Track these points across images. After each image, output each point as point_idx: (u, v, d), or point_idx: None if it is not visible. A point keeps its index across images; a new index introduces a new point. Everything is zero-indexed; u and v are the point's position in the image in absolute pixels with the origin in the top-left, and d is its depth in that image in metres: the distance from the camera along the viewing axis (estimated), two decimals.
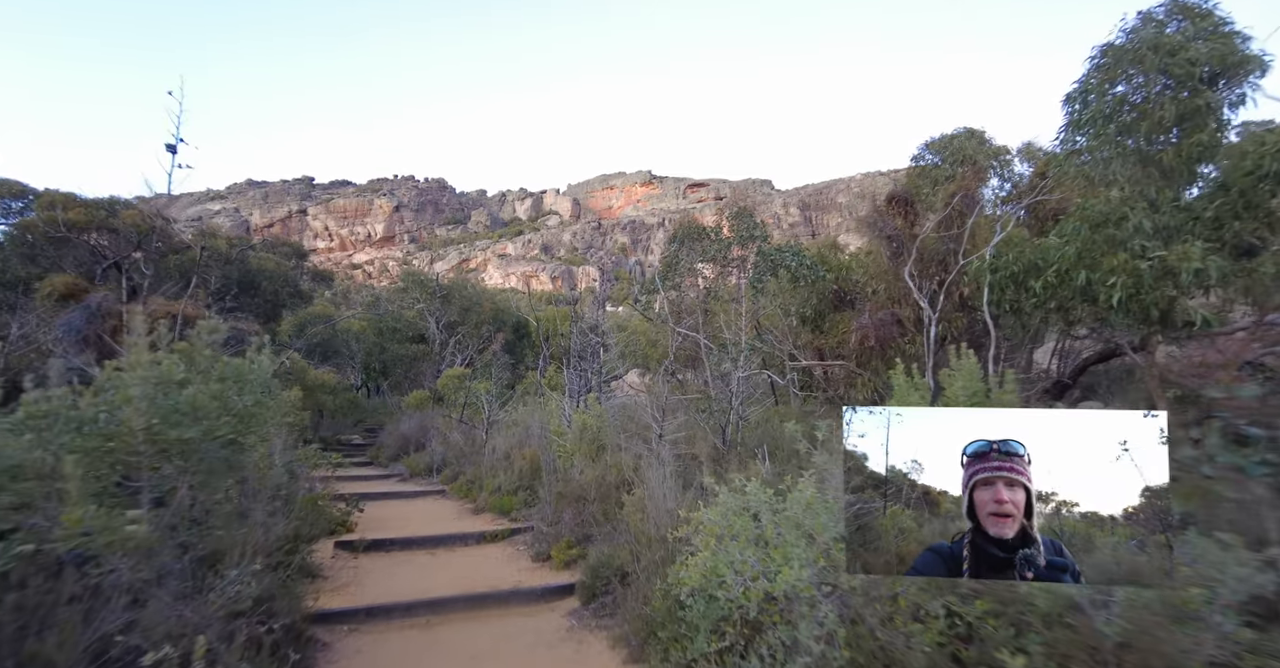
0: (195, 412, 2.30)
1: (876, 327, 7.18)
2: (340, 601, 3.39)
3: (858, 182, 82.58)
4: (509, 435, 7.67)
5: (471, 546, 4.81)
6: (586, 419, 6.07)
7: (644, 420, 6.81)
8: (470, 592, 3.60)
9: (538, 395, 11.66)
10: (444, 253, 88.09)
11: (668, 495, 3.35)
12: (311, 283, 23.50)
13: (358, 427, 17.01)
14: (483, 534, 4.92)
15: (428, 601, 3.45)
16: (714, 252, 8.18)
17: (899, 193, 8.16)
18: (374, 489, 7.70)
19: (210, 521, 2.44)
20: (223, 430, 2.49)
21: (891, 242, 7.68)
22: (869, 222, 7.85)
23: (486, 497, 6.20)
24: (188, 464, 2.31)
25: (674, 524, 2.85)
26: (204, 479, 2.49)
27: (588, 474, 5.25)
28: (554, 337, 19.89)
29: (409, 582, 3.89)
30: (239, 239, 16.00)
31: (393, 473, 9.61)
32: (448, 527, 5.42)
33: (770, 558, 2.05)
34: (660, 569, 2.71)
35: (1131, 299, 4.56)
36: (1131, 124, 4.72)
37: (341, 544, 4.48)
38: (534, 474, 6.28)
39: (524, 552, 4.52)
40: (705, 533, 2.28)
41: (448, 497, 7.24)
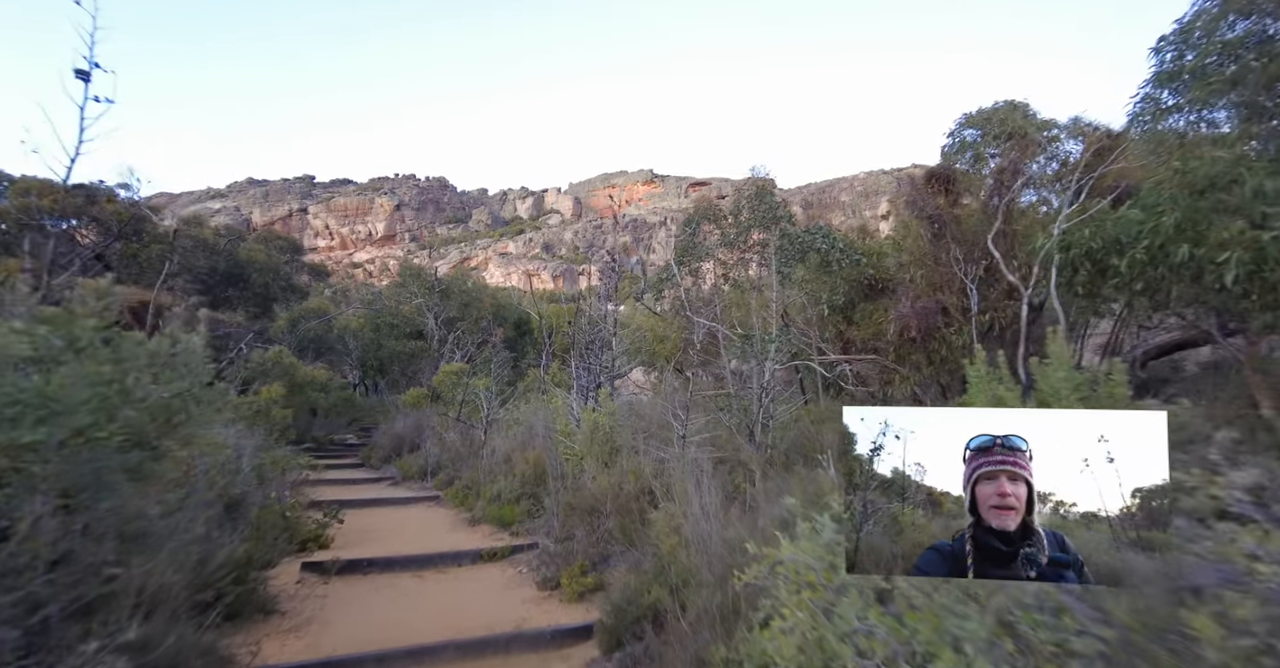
0: (54, 404, 1.60)
1: (919, 316, 6.45)
2: (290, 652, 2.66)
3: (860, 180, 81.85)
4: (510, 436, 6.95)
5: (466, 566, 4.09)
6: (598, 418, 5.35)
7: (657, 419, 6.10)
8: (462, 636, 2.87)
9: (540, 393, 10.96)
10: (445, 251, 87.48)
11: (709, 513, 2.63)
12: (308, 278, 22.84)
13: (352, 426, 16.31)
14: (479, 552, 4.20)
15: (407, 650, 2.72)
16: (733, 236, 7.45)
17: (939, 170, 7.43)
18: (361, 495, 6.99)
19: (90, 555, 1.74)
20: (111, 430, 1.80)
21: (933, 223, 6.95)
22: (909, 200, 7.12)
23: (484, 505, 5.48)
24: (49, 477, 1.61)
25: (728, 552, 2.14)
26: (90, 497, 1.79)
27: (601, 481, 4.53)
28: (557, 333, 19.20)
29: (386, 618, 3.17)
30: (228, 229, 15.30)
31: (384, 476, 8.90)
32: (439, 542, 4.71)
33: (910, 629, 1.35)
34: (718, 623, 2.00)
35: (1252, 277, 3.83)
36: (1248, 70, 3.98)
37: (311, 566, 3.77)
38: (538, 480, 5.56)
39: (528, 576, 3.80)
40: (791, 579, 1.58)
41: (442, 504, 6.53)
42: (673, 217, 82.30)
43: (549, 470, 5.33)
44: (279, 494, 4.27)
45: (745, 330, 6.81)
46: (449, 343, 17.60)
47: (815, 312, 7.47)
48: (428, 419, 10.63)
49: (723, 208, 7.52)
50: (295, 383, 12.45)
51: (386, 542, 4.65)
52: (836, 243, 6.76)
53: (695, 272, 7.51)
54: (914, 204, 7.06)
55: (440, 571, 3.98)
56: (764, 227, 7.22)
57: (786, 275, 7.15)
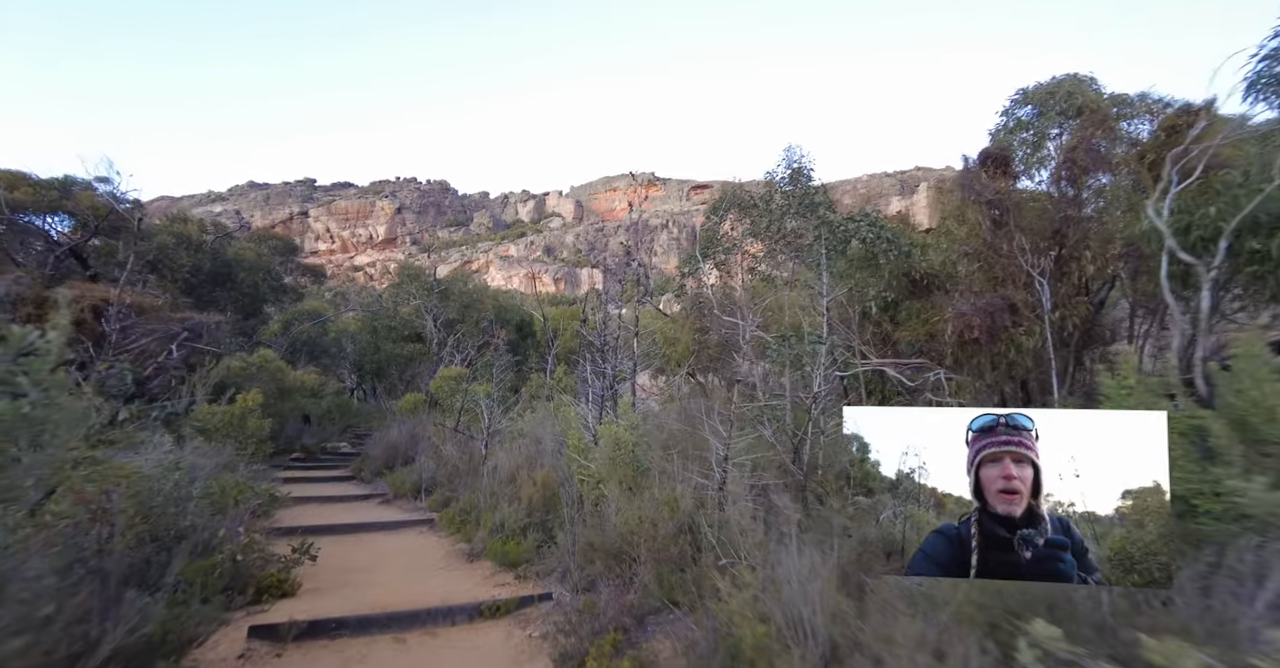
0: None
1: (983, 314, 5.62)
2: None
3: (864, 183, 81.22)
4: (514, 450, 6.12)
5: (461, 625, 3.26)
6: (618, 432, 4.52)
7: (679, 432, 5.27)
8: None
9: (545, 400, 10.12)
10: (446, 255, 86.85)
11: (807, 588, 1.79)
12: (303, 279, 22.07)
13: (346, 433, 15.48)
14: (478, 607, 3.36)
15: None
16: (765, 224, 6.63)
17: (996, 151, 6.62)
18: (345, 517, 6.17)
19: None
20: None
21: (992, 208, 6.13)
22: (963, 184, 6.31)
23: (485, 536, 4.64)
24: None
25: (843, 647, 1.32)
26: None
27: (627, 514, 3.70)
28: (562, 336, 18.36)
29: None
30: (215, 226, 14.50)
31: (374, 492, 8.07)
32: (430, 588, 3.86)
33: None
34: None
35: None
36: None
37: (261, 631, 2.93)
38: (548, 506, 4.73)
39: (541, 647, 2.94)
40: None
41: (436, 530, 5.70)
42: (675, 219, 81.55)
43: (562, 496, 4.50)
44: (231, 531, 3.44)
45: (782, 331, 5.99)
46: (448, 346, 16.79)
47: (856, 310, 6.65)
48: (424, 428, 9.82)
49: (752, 194, 6.72)
50: (284, 388, 11.65)
51: (365, 588, 3.81)
52: (884, 232, 5.94)
53: (722, 265, 6.70)
54: (970, 188, 6.24)
55: (429, 632, 3.14)
56: (801, 214, 6.41)
57: (827, 269, 6.32)
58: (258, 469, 6.31)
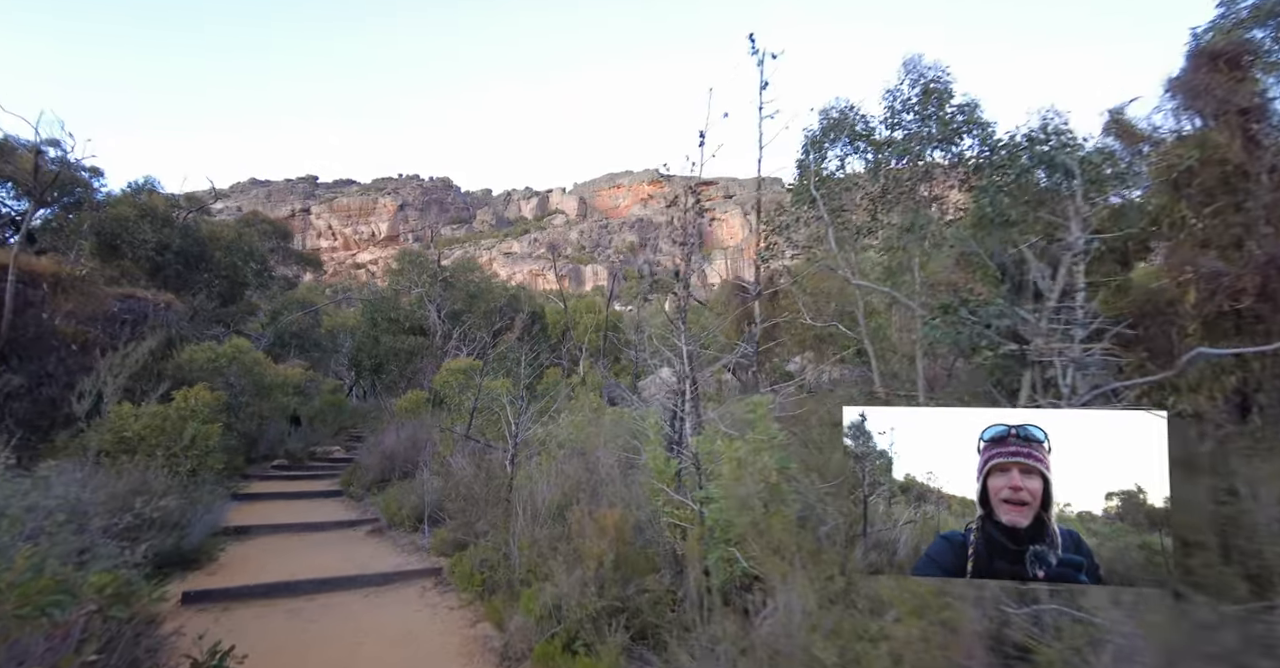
0: None
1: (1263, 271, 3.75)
2: None
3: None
4: (554, 470, 4.28)
5: None
6: (750, 456, 2.66)
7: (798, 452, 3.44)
8: None
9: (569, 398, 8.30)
10: (449, 252, 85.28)
11: None
12: (296, 268, 20.33)
13: (339, 436, 13.66)
14: None
15: None
16: (888, 154, 4.78)
17: (1223, 48, 4.73)
18: (313, 565, 4.34)
19: None
20: None
21: (1244, 117, 4.26)
22: (1192, 89, 4.44)
23: (530, 625, 2.80)
24: None
25: None
26: None
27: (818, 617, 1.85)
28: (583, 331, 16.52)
29: None
30: (188, 199, 12.68)
31: (363, 517, 6.25)
32: None
33: None
34: None
35: None
36: None
37: None
38: (633, 567, 2.89)
39: None
40: None
41: (444, 589, 3.87)
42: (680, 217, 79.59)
43: (661, 560, 2.66)
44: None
45: (942, 300, 4.14)
46: (454, 338, 14.96)
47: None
48: (427, 433, 8.01)
49: (865, 113, 4.86)
50: (262, 385, 9.85)
51: None
52: (1091, 156, 4.08)
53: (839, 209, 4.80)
54: (1206, 94, 4.36)
55: None
56: (948, 141, 4.56)
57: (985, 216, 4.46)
58: (195, 495, 4.50)
